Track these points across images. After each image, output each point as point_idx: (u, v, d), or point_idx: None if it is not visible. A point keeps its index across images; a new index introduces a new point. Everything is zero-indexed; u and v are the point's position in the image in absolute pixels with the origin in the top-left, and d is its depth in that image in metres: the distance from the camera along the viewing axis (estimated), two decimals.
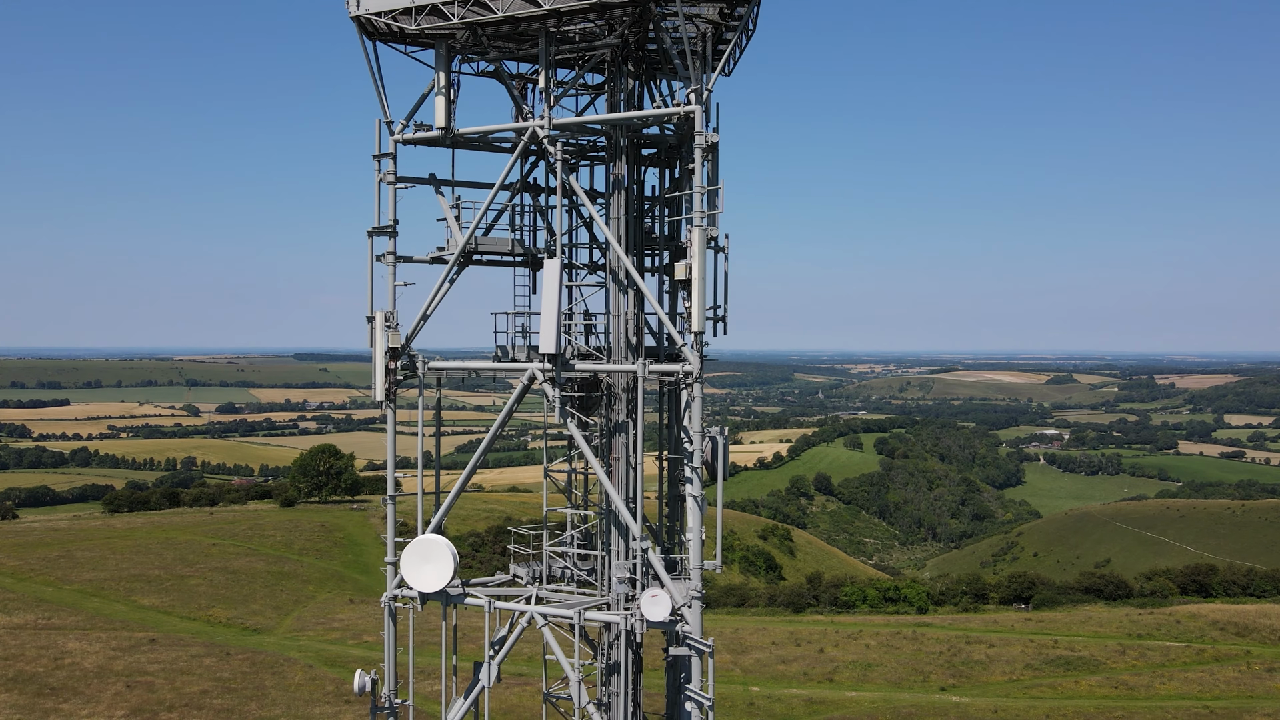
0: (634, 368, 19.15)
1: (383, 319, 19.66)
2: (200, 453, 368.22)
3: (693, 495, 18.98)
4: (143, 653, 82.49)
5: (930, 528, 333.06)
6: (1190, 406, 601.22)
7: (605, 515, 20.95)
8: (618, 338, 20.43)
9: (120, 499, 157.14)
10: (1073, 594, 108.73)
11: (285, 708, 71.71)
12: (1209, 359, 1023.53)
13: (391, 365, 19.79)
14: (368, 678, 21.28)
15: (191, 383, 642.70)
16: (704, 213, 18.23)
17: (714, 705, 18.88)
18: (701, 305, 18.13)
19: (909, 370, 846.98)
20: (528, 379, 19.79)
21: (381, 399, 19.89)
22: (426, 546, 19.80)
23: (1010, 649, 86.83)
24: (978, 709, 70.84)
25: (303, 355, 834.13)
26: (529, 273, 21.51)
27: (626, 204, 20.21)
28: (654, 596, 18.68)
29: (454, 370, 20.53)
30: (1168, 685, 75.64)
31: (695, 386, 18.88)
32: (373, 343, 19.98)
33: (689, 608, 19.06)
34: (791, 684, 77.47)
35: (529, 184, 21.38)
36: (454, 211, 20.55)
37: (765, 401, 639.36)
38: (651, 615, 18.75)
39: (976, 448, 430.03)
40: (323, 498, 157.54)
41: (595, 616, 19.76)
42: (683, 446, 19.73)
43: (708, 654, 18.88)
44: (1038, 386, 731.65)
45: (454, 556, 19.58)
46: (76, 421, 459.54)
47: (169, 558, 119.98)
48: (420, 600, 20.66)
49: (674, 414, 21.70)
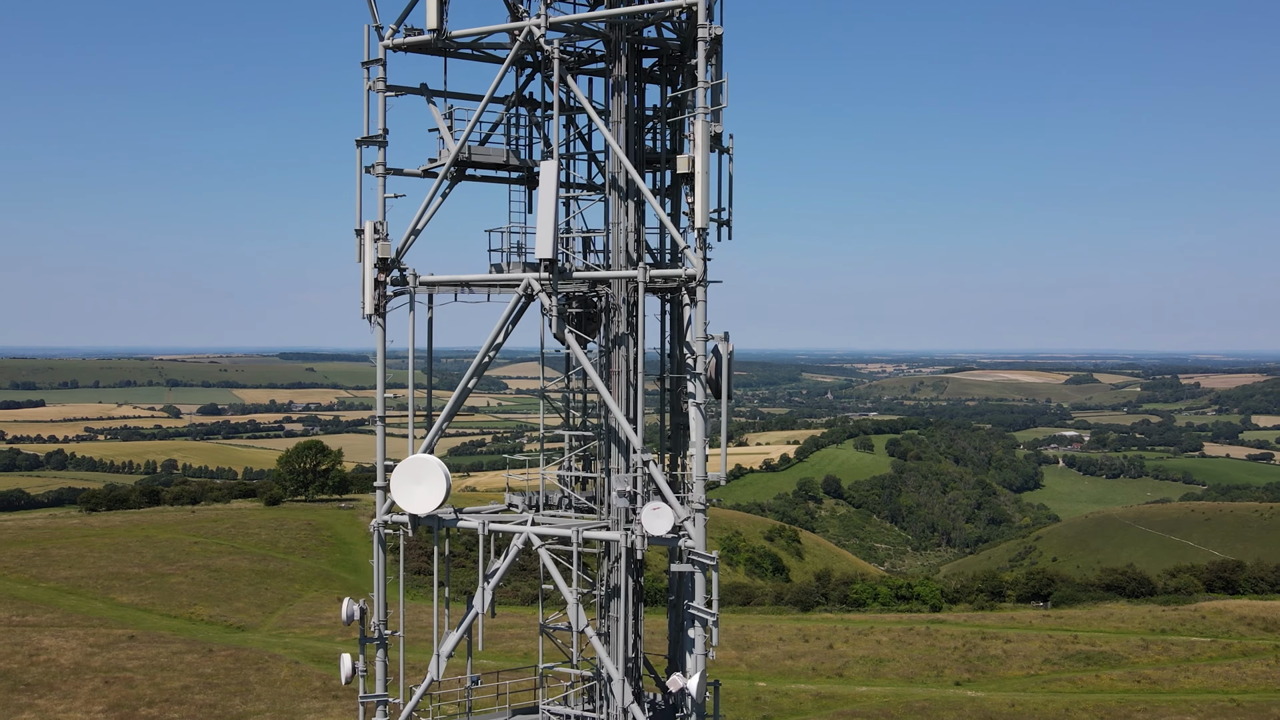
0: (634, 273, 19.14)
1: (372, 229, 19.70)
2: (181, 455, 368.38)
3: (696, 404, 19.02)
4: (121, 649, 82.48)
5: (944, 532, 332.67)
6: (1216, 407, 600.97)
7: (605, 435, 20.98)
8: (617, 251, 20.48)
9: (98, 498, 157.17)
10: (1093, 591, 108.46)
11: (270, 703, 71.70)
12: (1236, 358, 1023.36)
13: (381, 278, 19.82)
14: (356, 606, 21.30)
15: (172, 383, 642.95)
16: (707, 108, 18.25)
17: (718, 621, 18.91)
18: (705, 200, 18.16)
19: (922, 370, 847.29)
20: (523, 290, 19.78)
21: (370, 312, 19.90)
22: (417, 466, 19.80)
23: (1028, 644, 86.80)
24: (994, 703, 70.80)
25: (288, 354, 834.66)
26: (525, 191, 21.52)
27: (627, 111, 20.24)
28: (655, 509, 18.70)
29: (446, 285, 20.54)
30: (1193, 679, 75.58)
31: (699, 290, 18.92)
32: (361, 257, 20.01)
33: (691, 522, 19.10)
34: (799, 679, 77.41)
35: (524, 98, 21.43)
36: (446, 122, 20.57)
37: (771, 402, 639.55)
38: (653, 529, 18.77)
39: (993, 450, 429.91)
40: (309, 496, 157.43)
41: (594, 534, 19.78)
42: (685, 364, 19.77)
43: (711, 567, 18.91)
44: (1057, 386, 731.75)
45: (446, 477, 19.56)
46: (52, 423, 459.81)
47: (148, 556, 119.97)
48: (411, 525, 20.67)
49: (676, 335, 21.75)
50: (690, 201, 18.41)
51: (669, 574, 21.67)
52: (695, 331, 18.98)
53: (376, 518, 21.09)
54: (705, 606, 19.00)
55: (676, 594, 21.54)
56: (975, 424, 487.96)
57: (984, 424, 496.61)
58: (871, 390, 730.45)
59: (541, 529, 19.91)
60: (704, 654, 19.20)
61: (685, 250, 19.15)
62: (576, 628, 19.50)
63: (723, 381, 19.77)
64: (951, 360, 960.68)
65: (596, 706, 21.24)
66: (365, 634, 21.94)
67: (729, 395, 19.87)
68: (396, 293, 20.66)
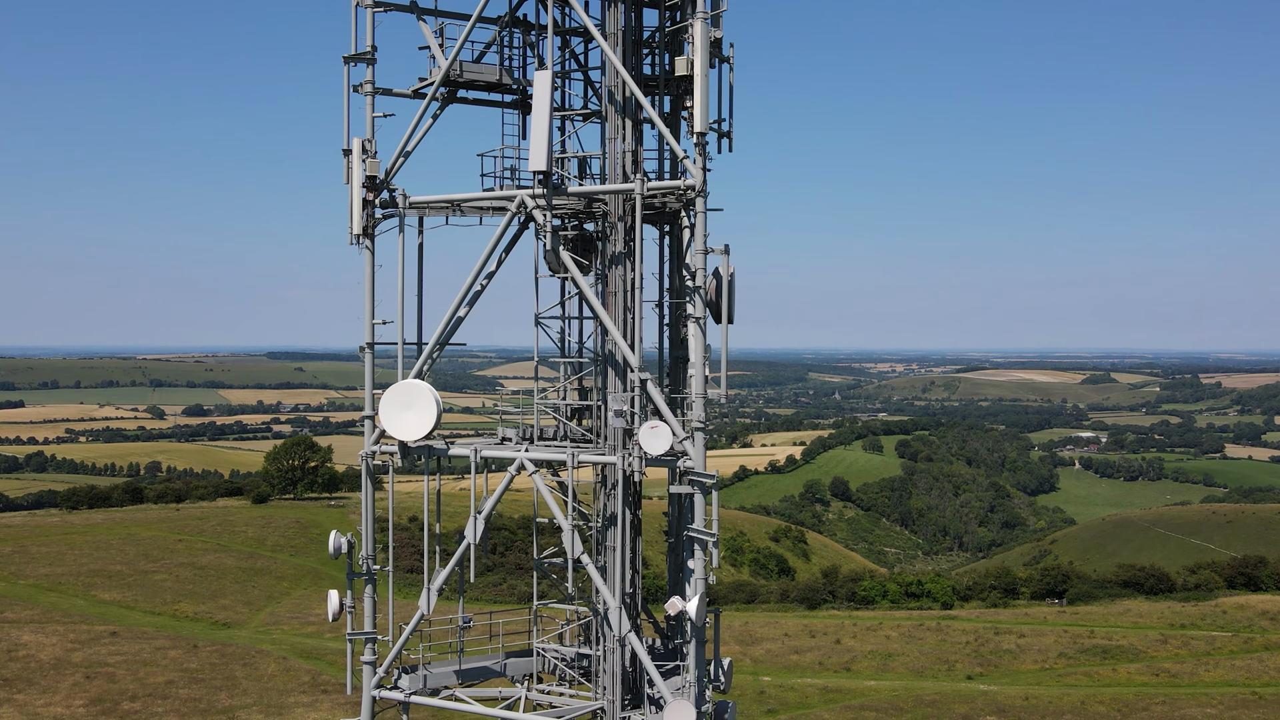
0: (631, 186, 19.11)
1: (360, 147, 19.72)
2: (165, 457, 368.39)
3: (696, 318, 19.04)
4: (103, 645, 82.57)
5: (956, 536, 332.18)
6: (1238, 407, 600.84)
7: (602, 361, 21.00)
8: (614, 173, 20.50)
9: (79, 496, 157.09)
10: (1110, 588, 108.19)
11: (258, 697, 71.71)
12: (1258, 356, 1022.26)
13: (369, 197, 19.84)
14: (344, 539, 21.31)
15: (156, 383, 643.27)
16: (707, 13, 18.27)
17: (718, 542, 18.91)
18: (704, 104, 18.19)
19: (933, 369, 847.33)
20: (516, 206, 19.80)
21: (358, 232, 19.92)
22: (407, 391, 19.83)
23: (1043, 639, 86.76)
24: (1007, 696, 70.75)
25: (276, 354, 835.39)
26: (518, 115, 21.55)
27: (624, 30, 20.21)
28: (654, 428, 18.72)
29: (437, 205, 20.56)
30: (1213, 673, 75.54)
31: (699, 202, 18.95)
32: (349, 178, 20.03)
33: (691, 441, 19.14)
34: (805, 674, 77.37)
35: (518, 19, 21.45)
36: (437, 39, 20.58)
37: (777, 403, 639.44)
38: (651, 448, 18.79)
39: (1006, 451, 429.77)
40: (298, 494, 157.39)
41: (590, 458, 19.83)
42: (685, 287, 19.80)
43: (711, 487, 18.94)
44: (1073, 386, 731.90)
45: (437, 402, 19.58)
46: (31, 424, 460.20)
47: (131, 553, 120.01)
48: (401, 453, 20.69)
49: (675, 259, 21.78)
50: (689, 107, 18.44)
51: (667, 515, 21.69)
52: (695, 245, 19.00)
53: (365, 447, 21.12)
54: (705, 529, 19.00)
55: (676, 526, 21.53)
56: (988, 425, 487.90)
57: (997, 425, 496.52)
58: (881, 390, 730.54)
59: (536, 454, 19.94)
60: (704, 578, 19.19)
61: (685, 160, 19.17)
62: (571, 555, 19.53)
63: (723, 303, 19.79)
64: (964, 360, 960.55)
65: (593, 643, 21.30)
66: (352, 569, 21.99)
67: (730, 318, 19.90)
68: (386, 215, 20.68)
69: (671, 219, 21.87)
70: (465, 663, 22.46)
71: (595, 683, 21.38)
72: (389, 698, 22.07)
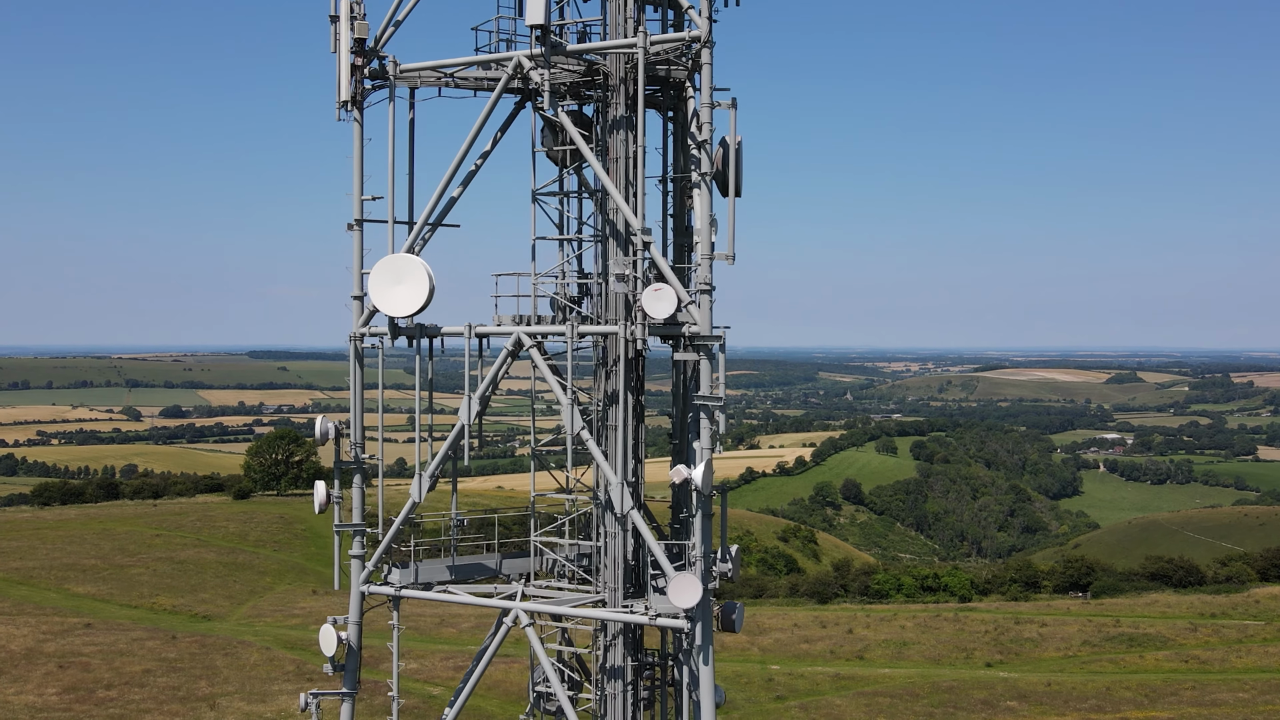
0: (634, 40, 19.18)
1: (348, 8, 19.75)
2: (142, 460, 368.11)
3: (701, 174, 19.09)
4: (77, 636, 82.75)
5: (974, 541, 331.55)
6: (1271, 408, 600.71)
7: (602, 237, 21.01)
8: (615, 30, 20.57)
9: (51, 491, 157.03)
10: (1137, 580, 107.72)
11: (240, 685, 71.79)
12: None
13: (358, 63, 19.89)
14: (330, 424, 21.34)
15: (132, 383, 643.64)
16: None
17: (723, 406, 18.92)
18: None
19: (949, 369, 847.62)
20: (513, 69, 19.85)
21: (346, 99, 19.95)
22: (397, 264, 19.83)
23: (1066, 628, 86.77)
24: (1028, 683, 70.75)
25: (258, 353, 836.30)
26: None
27: None
28: (657, 290, 18.75)
29: (429, 73, 20.61)
30: (1245, 659, 75.57)
31: (705, 52, 18.98)
32: (335, 46, 20.05)
33: (696, 305, 19.16)
34: (816, 662, 77.36)
35: None
36: None
37: (786, 404, 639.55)
38: (655, 312, 18.81)
39: (1027, 453, 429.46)
40: (281, 489, 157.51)
41: (591, 330, 19.83)
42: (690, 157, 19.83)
43: (718, 348, 18.96)
44: (1097, 386, 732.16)
45: (430, 276, 19.58)
46: (1, 426, 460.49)
47: (106, 548, 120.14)
48: (391, 333, 20.70)
49: (679, 139, 21.81)
50: None
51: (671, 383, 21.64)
52: (702, 98, 19.04)
53: (354, 328, 21.13)
54: (711, 395, 18.99)
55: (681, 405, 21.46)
56: (1008, 426, 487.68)
57: (1018, 426, 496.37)
58: (895, 390, 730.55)
59: (533, 328, 19.96)
60: (709, 447, 19.19)
61: (689, 10, 19.23)
62: (571, 431, 19.55)
63: (730, 172, 19.81)
64: (982, 358, 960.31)
65: (594, 535, 21.33)
66: (339, 458, 22.03)
67: (738, 191, 19.93)
68: (375, 86, 20.72)
69: (675, 100, 21.86)
70: (460, 559, 22.58)
71: (596, 576, 21.45)
72: (379, 592, 22.19)
